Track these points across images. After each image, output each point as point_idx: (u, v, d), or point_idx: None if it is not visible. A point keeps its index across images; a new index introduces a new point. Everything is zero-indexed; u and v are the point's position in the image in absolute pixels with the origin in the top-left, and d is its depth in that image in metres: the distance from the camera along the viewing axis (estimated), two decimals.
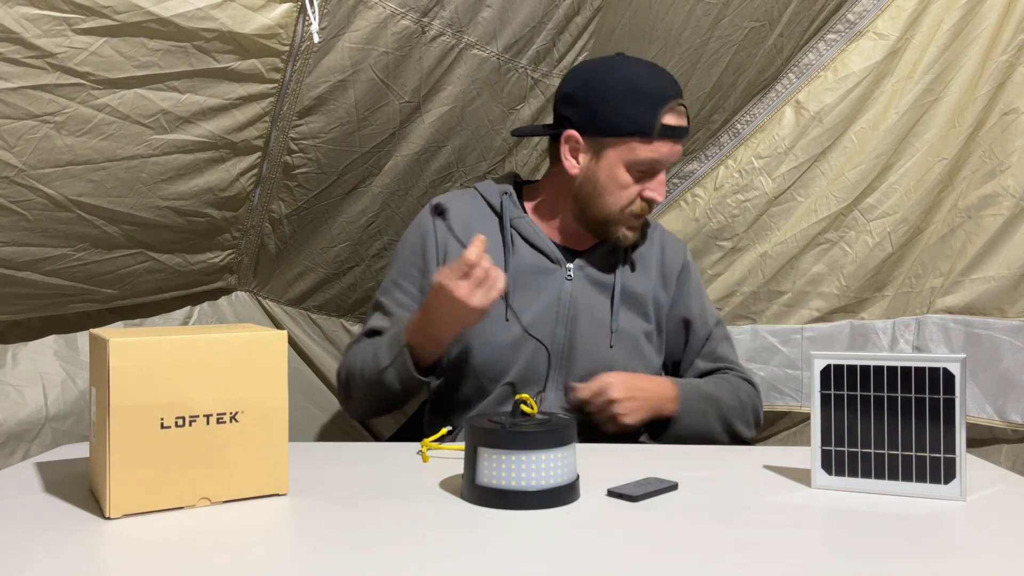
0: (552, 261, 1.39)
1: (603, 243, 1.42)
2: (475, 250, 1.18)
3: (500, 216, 1.41)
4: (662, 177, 1.35)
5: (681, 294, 1.47)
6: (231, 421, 0.95)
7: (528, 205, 1.44)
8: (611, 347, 1.39)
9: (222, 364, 0.95)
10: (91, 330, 0.99)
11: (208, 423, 0.94)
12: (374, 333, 1.40)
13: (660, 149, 1.31)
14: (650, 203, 1.36)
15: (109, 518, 0.89)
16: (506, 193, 1.42)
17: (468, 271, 1.19)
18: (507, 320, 1.36)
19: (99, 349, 0.93)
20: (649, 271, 1.45)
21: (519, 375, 1.36)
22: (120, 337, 0.90)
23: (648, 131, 1.30)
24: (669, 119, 1.30)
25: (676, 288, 1.47)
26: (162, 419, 0.91)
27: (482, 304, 1.20)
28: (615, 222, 1.36)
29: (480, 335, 1.35)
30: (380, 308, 1.42)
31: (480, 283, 1.19)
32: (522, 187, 1.49)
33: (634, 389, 1.31)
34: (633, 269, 1.43)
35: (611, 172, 1.33)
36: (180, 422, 0.92)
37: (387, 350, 1.30)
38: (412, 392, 1.33)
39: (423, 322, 1.26)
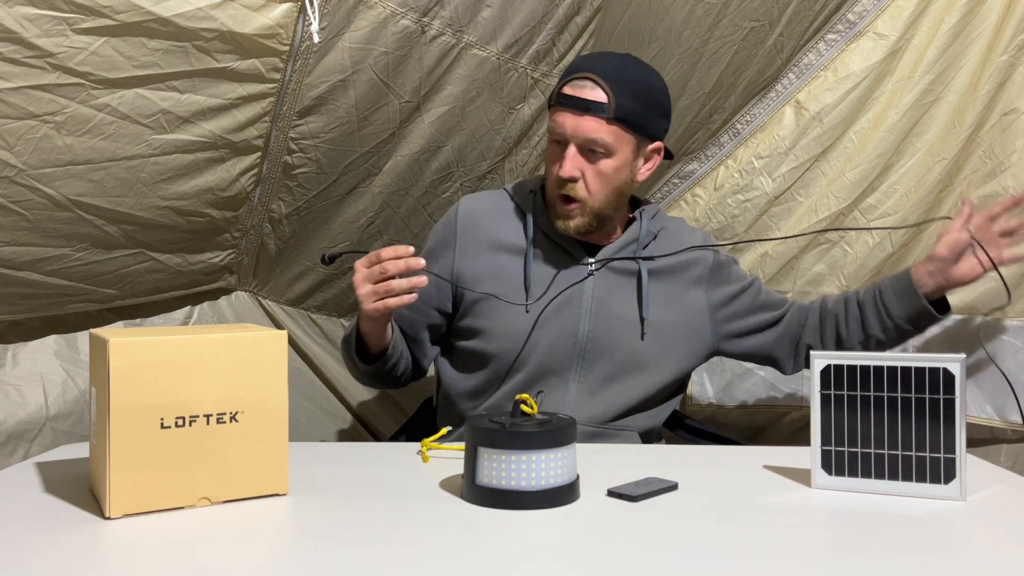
0: (574, 257, 1.40)
1: (623, 237, 1.42)
2: (389, 250, 1.19)
3: (526, 214, 1.42)
4: (568, 152, 1.31)
5: (726, 279, 1.47)
6: (231, 421, 0.95)
7: None
8: (642, 339, 1.39)
9: (222, 364, 0.95)
10: (91, 330, 0.99)
11: (208, 423, 0.94)
12: None
13: (556, 117, 1.32)
14: (564, 181, 1.32)
15: (109, 518, 0.89)
16: (532, 191, 1.43)
17: (374, 262, 1.20)
18: (527, 312, 1.36)
19: (99, 349, 0.93)
20: (677, 263, 1.43)
21: (539, 366, 1.36)
22: (120, 337, 0.90)
23: (550, 100, 1.35)
24: (567, 89, 1.32)
25: (714, 278, 1.46)
26: (162, 419, 0.91)
27: (364, 300, 1.20)
28: (551, 207, 1.37)
29: (499, 323, 1.37)
30: None
31: (372, 280, 1.19)
32: None
33: None
34: (657, 260, 1.42)
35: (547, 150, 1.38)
36: (180, 422, 0.92)
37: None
38: (359, 369, 1.35)
39: None
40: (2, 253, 1.31)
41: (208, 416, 0.94)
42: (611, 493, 0.98)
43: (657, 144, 1.40)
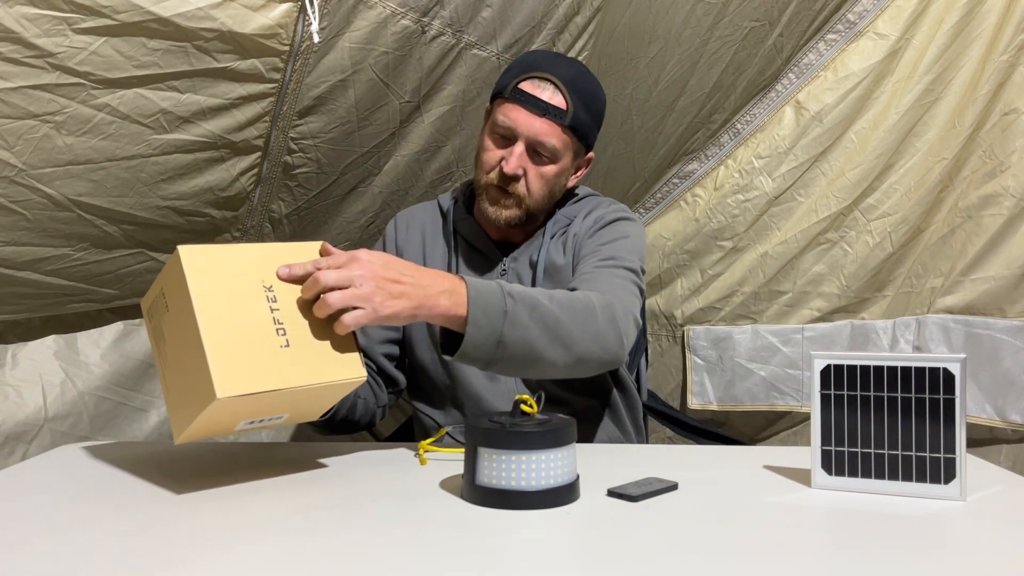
0: (489, 259, 1.39)
1: (535, 231, 1.40)
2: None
3: (450, 222, 1.42)
4: (516, 149, 1.28)
5: (584, 244, 1.36)
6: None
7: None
8: None
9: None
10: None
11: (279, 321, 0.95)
12: None
13: (509, 112, 1.28)
14: (507, 178, 1.29)
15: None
16: (455, 199, 1.43)
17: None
18: None
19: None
20: (569, 245, 1.39)
21: (476, 372, 1.35)
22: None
23: (502, 91, 1.30)
24: (525, 86, 1.28)
25: (584, 243, 1.36)
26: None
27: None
28: (480, 194, 1.33)
29: (426, 339, 1.37)
30: None
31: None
32: None
33: (390, 268, 1.01)
34: (558, 247, 1.39)
35: (483, 136, 1.33)
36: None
37: None
38: (313, 427, 1.32)
39: None
40: (2, 253, 1.31)
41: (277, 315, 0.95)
42: (611, 493, 0.98)
43: (591, 155, 1.39)
